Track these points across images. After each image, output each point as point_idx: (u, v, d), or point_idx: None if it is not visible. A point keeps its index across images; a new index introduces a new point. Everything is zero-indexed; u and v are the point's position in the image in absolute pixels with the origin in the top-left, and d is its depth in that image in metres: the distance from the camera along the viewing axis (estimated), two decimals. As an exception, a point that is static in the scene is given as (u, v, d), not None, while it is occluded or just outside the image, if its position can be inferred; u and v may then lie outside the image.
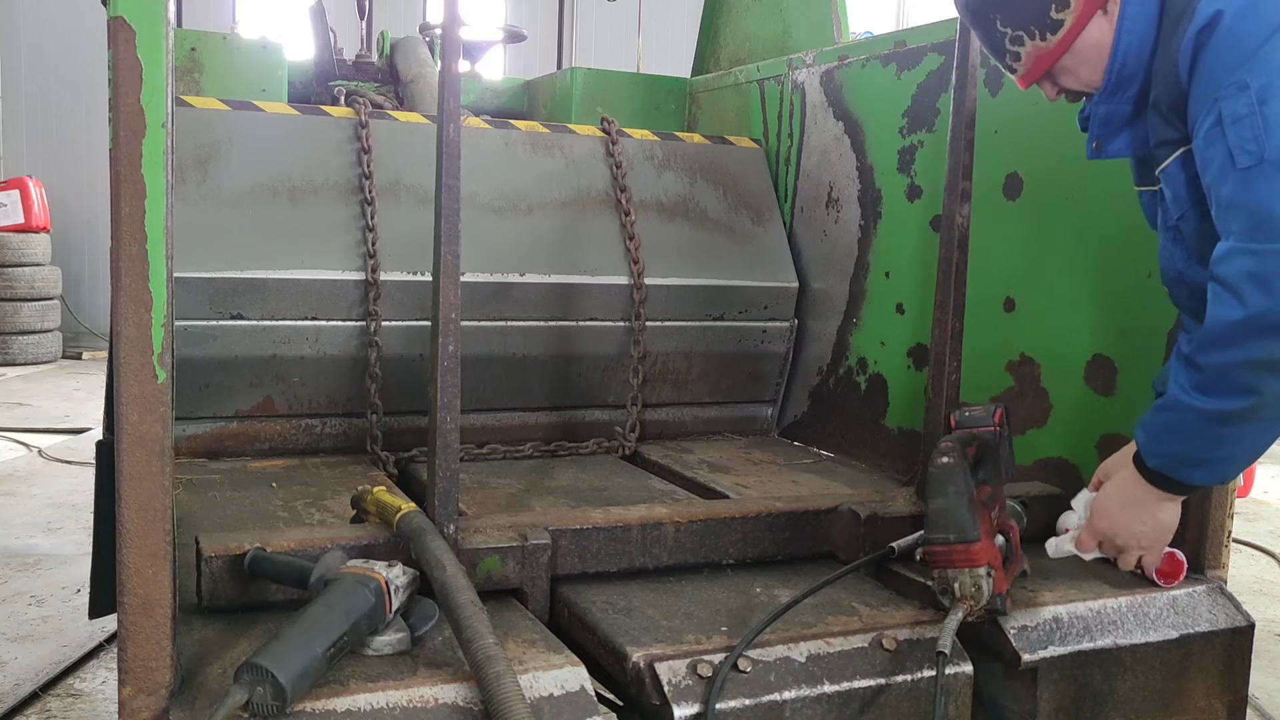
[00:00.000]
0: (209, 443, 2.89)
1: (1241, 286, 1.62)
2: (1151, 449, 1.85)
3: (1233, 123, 1.64)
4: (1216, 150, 1.67)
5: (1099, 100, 1.91)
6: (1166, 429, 1.80)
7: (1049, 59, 1.90)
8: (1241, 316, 1.62)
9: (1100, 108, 1.91)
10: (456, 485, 1.88)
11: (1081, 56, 1.88)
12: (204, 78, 3.57)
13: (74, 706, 3.51)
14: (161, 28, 1.39)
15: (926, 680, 1.81)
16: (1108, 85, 1.88)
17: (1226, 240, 1.66)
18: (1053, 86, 1.96)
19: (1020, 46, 1.90)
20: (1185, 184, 1.81)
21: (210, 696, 1.48)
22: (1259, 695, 3.76)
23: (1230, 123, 1.64)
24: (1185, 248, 1.89)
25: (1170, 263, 1.95)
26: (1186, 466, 1.82)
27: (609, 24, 13.11)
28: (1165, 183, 1.86)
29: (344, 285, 2.88)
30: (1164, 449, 1.83)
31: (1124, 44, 1.84)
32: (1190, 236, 1.86)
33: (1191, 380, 1.72)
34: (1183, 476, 1.84)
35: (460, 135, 1.86)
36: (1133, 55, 1.84)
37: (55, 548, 5.13)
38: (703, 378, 3.38)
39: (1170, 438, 1.80)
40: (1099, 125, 1.94)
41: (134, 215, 1.39)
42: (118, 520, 1.42)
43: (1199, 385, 1.71)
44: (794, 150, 3.50)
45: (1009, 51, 1.93)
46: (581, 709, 1.58)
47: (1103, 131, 1.94)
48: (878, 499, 2.30)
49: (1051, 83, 1.96)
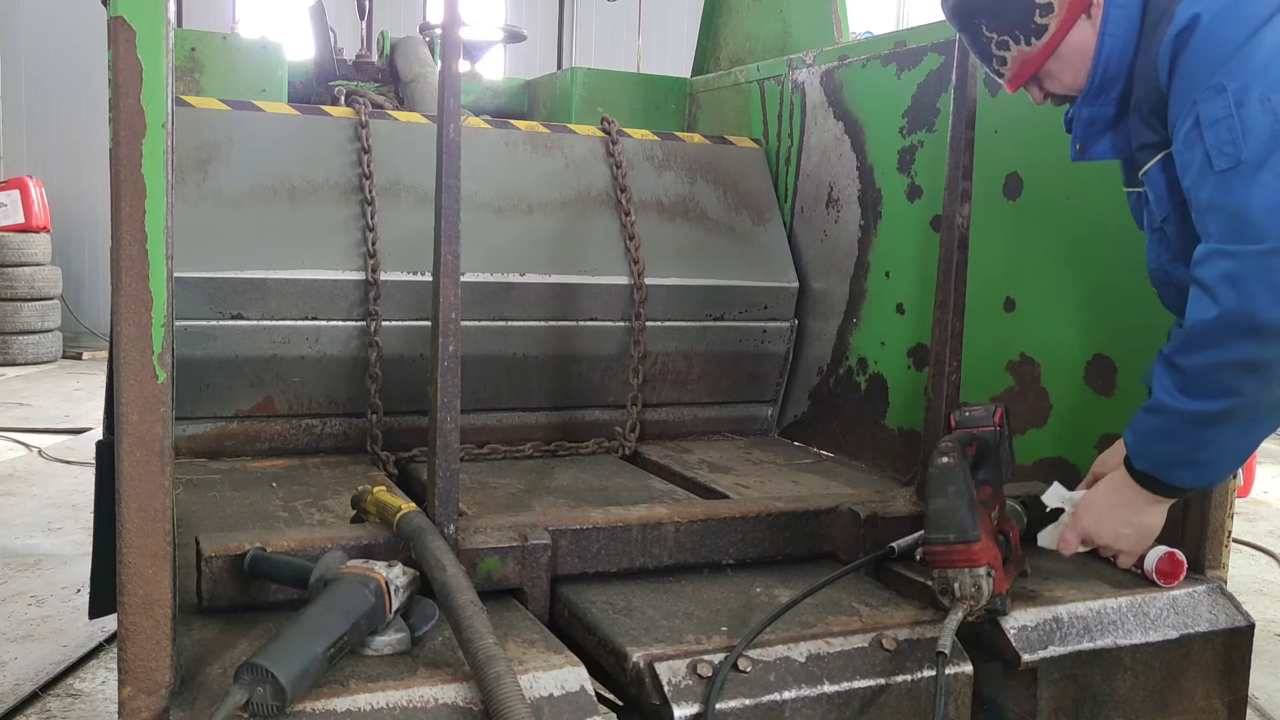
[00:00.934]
0: (209, 443, 2.89)
1: (1217, 287, 1.63)
2: (1139, 451, 1.85)
3: (1210, 125, 1.65)
4: (1195, 153, 1.68)
5: (1082, 103, 1.92)
6: (1152, 431, 1.81)
7: (1034, 63, 1.91)
8: (1215, 316, 1.63)
9: (1084, 110, 1.93)
10: (456, 485, 1.89)
11: (1065, 61, 1.90)
12: (204, 78, 3.57)
13: (74, 706, 3.51)
14: (161, 28, 1.39)
15: (926, 680, 1.81)
16: (1091, 88, 1.89)
17: (1206, 242, 1.68)
18: (1039, 90, 1.98)
19: (1006, 51, 1.92)
20: (1167, 187, 1.82)
21: (210, 696, 1.48)
22: (1259, 695, 3.76)
23: (1208, 125, 1.65)
24: (1170, 249, 1.90)
25: (1157, 263, 1.96)
26: (1173, 468, 1.83)
27: (609, 24, 13.12)
28: (1148, 185, 1.87)
29: (344, 285, 2.88)
30: (1151, 451, 1.83)
31: (1106, 47, 1.85)
32: (1174, 238, 1.87)
33: (1174, 382, 1.73)
34: (1170, 478, 1.84)
35: (460, 135, 1.86)
36: (1115, 58, 1.85)
37: (55, 548, 5.13)
38: (703, 378, 3.38)
39: (1156, 440, 1.81)
40: (1082, 128, 1.95)
41: (134, 215, 1.39)
42: (118, 520, 1.42)
43: (1181, 387, 1.72)
44: (794, 150, 3.50)
45: (995, 56, 1.94)
46: (581, 709, 1.57)
47: (1086, 134, 1.95)
48: (878, 499, 2.30)
49: (1038, 87, 1.97)
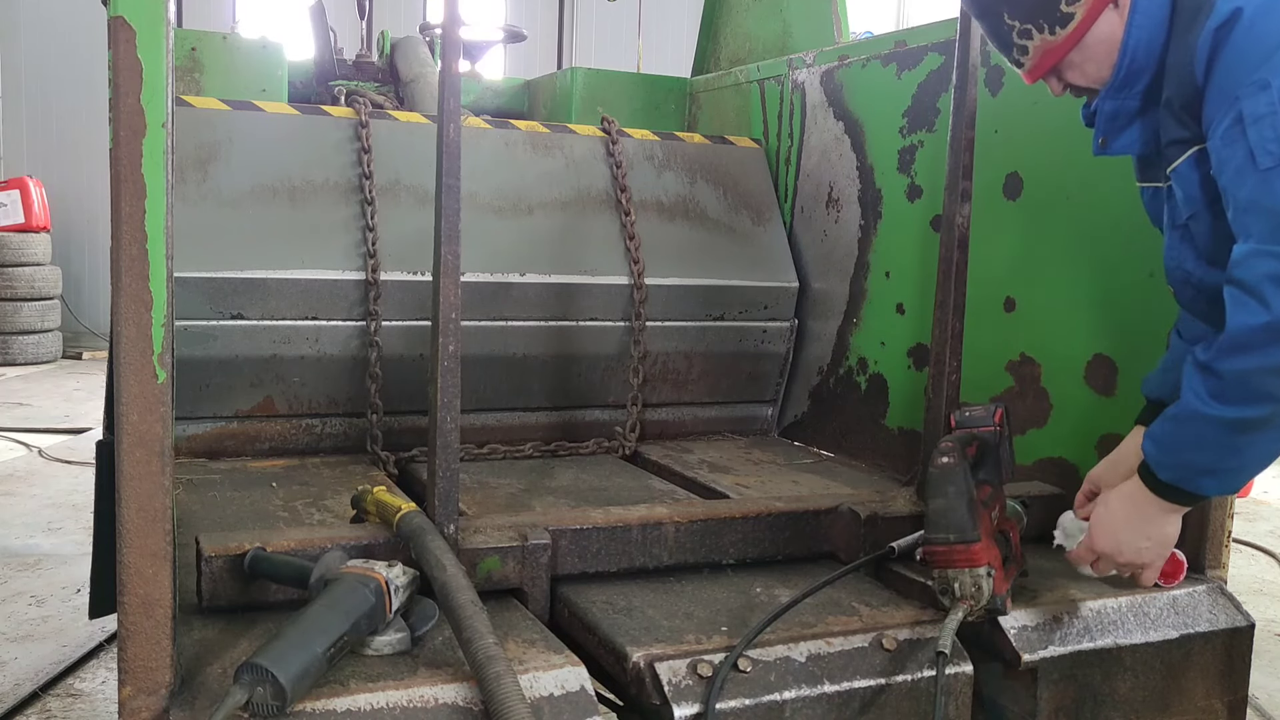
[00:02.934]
0: (209, 443, 2.89)
1: (1264, 290, 1.57)
2: (1164, 461, 1.80)
3: (1254, 122, 1.60)
4: (1236, 150, 1.63)
5: (1106, 96, 1.87)
6: (1181, 440, 1.75)
7: (1057, 53, 1.86)
8: (1265, 321, 1.57)
9: (1107, 103, 1.87)
10: (456, 485, 1.88)
11: (1090, 51, 1.84)
12: (204, 78, 3.57)
13: (74, 706, 3.51)
14: (161, 28, 1.39)
15: (926, 680, 1.81)
16: (1115, 80, 1.84)
17: (1245, 242, 1.62)
18: (1059, 82, 1.92)
19: (1028, 40, 1.86)
20: (1198, 184, 1.77)
21: (210, 696, 1.48)
22: (1259, 695, 3.76)
23: (1251, 122, 1.60)
24: (1194, 247, 1.85)
25: (1178, 263, 1.91)
26: (1200, 477, 1.77)
27: (609, 24, 13.11)
28: (1176, 182, 1.82)
29: (344, 285, 2.88)
30: (1178, 460, 1.78)
31: (1134, 39, 1.80)
32: (1200, 236, 1.82)
33: (1209, 388, 1.67)
34: (1195, 487, 1.79)
35: (460, 135, 1.86)
36: (1142, 50, 1.80)
37: (55, 548, 5.13)
38: (703, 378, 3.38)
39: (1186, 449, 1.75)
40: (1105, 121, 1.90)
41: (134, 215, 1.39)
42: (118, 520, 1.42)
43: (1217, 393, 1.66)
44: (794, 150, 3.50)
45: (1016, 45, 1.89)
46: (581, 709, 1.57)
47: (1109, 128, 1.90)
48: (878, 499, 2.30)
49: (1058, 78, 1.92)
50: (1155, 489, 1.83)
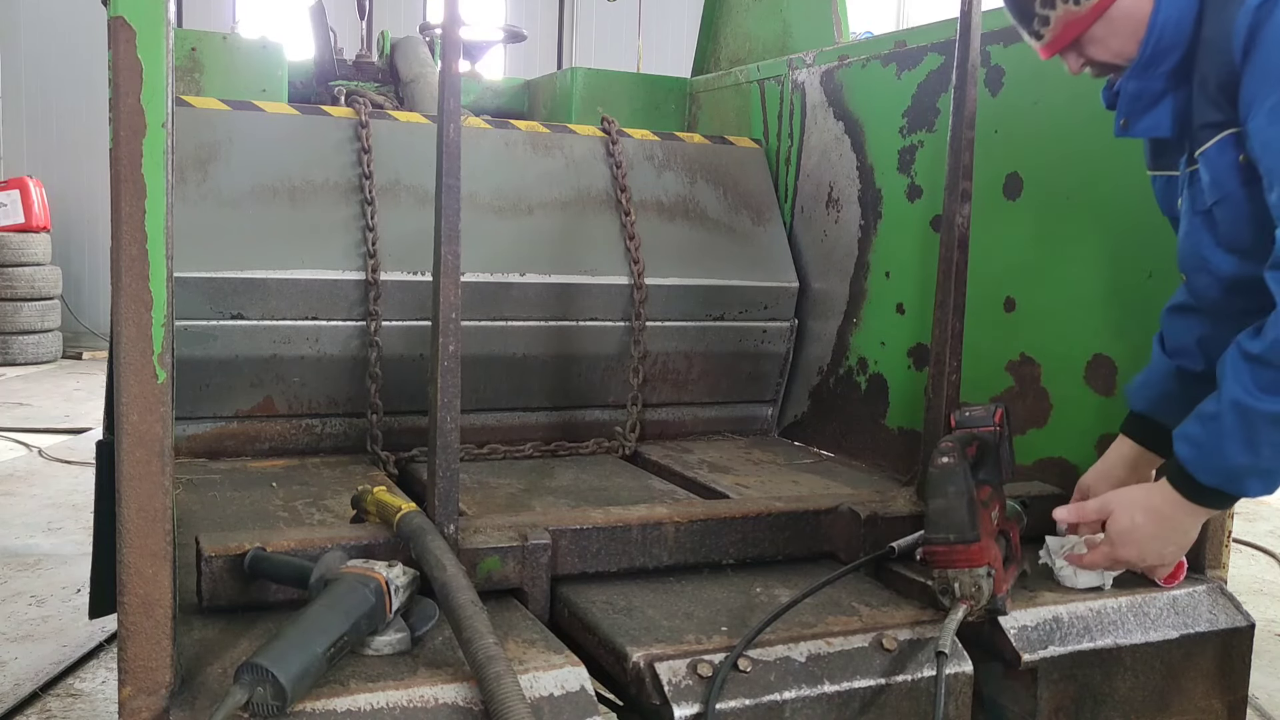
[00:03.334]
0: (209, 443, 2.89)
1: None
2: (1205, 464, 1.71)
3: None
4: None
5: (1130, 75, 1.80)
6: (1226, 439, 1.66)
7: (1079, 25, 1.78)
8: None
9: (1130, 83, 1.81)
10: (456, 485, 1.88)
11: (1115, 25, 1.77)
12: (204, 78, 3.57)
13: (74, 706, 3.51)
14: (161, 28, 1.39)
15: (926, 680, 1.80)
16: (1142, 59, 1.77)
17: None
18: (1078, 58, 1.85)
19: (1050, 10, 1.79)
20: (1229, 168, 1.70)
21: (210, 696, 1.48)
22: (1259, 695, 3.76)
23: None
24: (1214, 234, 1.78)
25: (1194, 249, 1.84)
26: (1246, 478, 1.69)
27: (609, 24, 13.12)
28: (1204, 166, 1.74)
29: (344, 285, 2.88)
30: (1222, 462, 1.68)
31: (1164, 14, 1.73)
32: (1225, 223, 1.75)
33: (1260, 381, 1.59)
34: (1239, 490, 1.71)
35: (460, 135, 1.86)
36: (1171, 27, 1.73)
37: (55, 548, 5.13)
38: (703, 378, 3.38)
39: (1230, 449, 1.66)
40: (1128, 102, 1.83)
41: (134, 215, 1.39)
42: (118, 520, 1.42)
43: (1269, 385, 1.58)
44: (794, 150, 3.50)
45: (1037, 15, 1.81)
46: (581, 709, 1.57)
47: (1131, 108, 1.83)
48: (878, 499, 2.30)
49: (1077, 53, 1.84)
50: (1191, 494, 1.76)
